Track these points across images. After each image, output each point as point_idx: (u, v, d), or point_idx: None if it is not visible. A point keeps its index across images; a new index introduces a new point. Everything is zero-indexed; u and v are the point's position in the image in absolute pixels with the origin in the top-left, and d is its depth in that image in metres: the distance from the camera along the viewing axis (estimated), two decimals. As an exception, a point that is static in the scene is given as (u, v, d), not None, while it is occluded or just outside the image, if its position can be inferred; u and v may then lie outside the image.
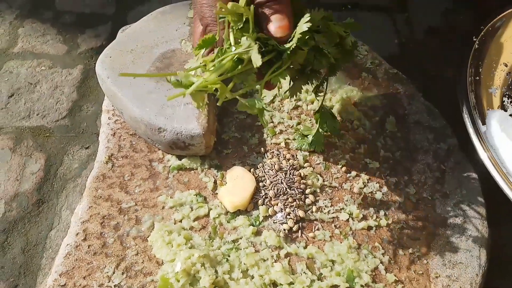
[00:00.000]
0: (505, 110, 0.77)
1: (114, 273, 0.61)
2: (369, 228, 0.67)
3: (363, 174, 0.72)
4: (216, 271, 0.60)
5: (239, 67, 0.53)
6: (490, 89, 0.78)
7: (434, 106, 0.81)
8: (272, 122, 0.76)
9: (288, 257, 0.64)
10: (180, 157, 0.71)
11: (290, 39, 0.55)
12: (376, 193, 0.70)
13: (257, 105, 0.54)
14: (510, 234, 0.75)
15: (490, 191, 0.72)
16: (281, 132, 0.75)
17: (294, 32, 0.55)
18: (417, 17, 1.08)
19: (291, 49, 0.54)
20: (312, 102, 0.78)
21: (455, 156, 0.75)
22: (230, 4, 0.51)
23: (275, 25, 0.54)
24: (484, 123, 0.73)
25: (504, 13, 0.82)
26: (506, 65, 0.81)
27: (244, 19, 0.53)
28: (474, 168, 0.74)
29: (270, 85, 0.57)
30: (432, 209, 0.70)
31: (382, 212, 0.68)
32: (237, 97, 0.53)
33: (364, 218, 0.68)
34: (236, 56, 0.52)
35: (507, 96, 0.79)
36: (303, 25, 0.54)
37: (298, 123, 0.76)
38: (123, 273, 0.61)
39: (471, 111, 0.72)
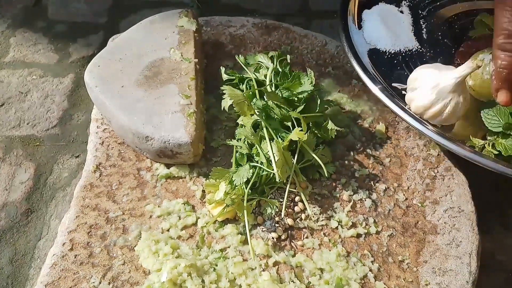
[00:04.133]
0: (398, 7, 0.86)
1: (100, 283, 0.60)
2: (358, 235, 0.67)
3: (352, 181, 0.71)
4: (203, 281, 0.59)
5: None
6: None
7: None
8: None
9: (277, 266, 0.63)
10: (168, 166, 0.71)
11: None
12: (365, 200, 0.70)
13: None
14: (500, 240, 0.74)
15: (481, 197, 0.72)
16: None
17: None
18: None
19: None
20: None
21: (445, 163, 0.74)
22: None
23: None
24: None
25: None
26: None
27: None
28: (464, 175, 0.73)
29: None
30: (422, 216, 0.69)
31: (371, 220, 0.68)
32: None
33: (354, 225, 0.67)
34: None
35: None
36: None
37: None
38: (109, 283, 0.60)
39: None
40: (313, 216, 0.67)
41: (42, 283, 0.60)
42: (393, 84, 0.73)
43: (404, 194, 0.71)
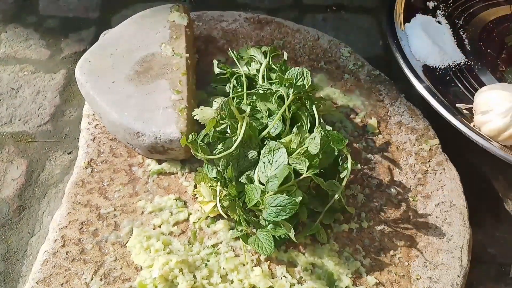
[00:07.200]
0: (434, 17, 0.88)
1: (92, 279, 0.60)
2: (351, 230, 0.67)
3: (344, 176, 0.71)
4: (194, 276, 0.59)
5: None
6: (429, 2, 0.89)
7: (416, 107, 0.81)
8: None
9: (268, 261, 0.63)
10: (160, 162, 0.71)
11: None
12: (357, 195, 0.70)
13: None
14: (491, 234, 0.75)
15: (472, 191, 0.72)
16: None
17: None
18: (402, 17, 1.07)
19: None
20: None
21: (437, 157, 0.75)
22: None
23: None
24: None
25: None
26: None
27: None
28: (456, 169, 0.73)
29: None
30: (413, 211, 0.69)
31: (363, 214, 0.68)
32: None
33: (346, 220, 0.68)
34: None
35: (441, 9, 0.89)
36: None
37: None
38: (101, 280, 0.60)
39: (392, 11, 0.87)
40: (305, 211, 0.67)
41: (33, 280, 0.60)
42: (457, 105, 0.73)
43: (396, 189, 0.71)
